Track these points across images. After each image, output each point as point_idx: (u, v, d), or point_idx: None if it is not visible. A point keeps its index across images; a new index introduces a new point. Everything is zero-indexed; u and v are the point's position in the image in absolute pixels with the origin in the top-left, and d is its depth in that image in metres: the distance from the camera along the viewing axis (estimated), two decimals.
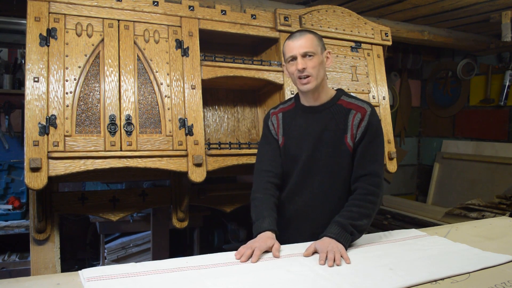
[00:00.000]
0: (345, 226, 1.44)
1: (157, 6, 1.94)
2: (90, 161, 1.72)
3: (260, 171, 1.70)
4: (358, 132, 1.58)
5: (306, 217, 1.67)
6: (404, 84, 4.77)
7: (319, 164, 1.62)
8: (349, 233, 1.44)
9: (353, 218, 1.46)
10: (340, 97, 1.67)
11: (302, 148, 1.64)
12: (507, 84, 4.03)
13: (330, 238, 1.40)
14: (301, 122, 1.68)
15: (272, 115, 1.78)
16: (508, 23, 3.08)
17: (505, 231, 1.75)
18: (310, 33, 1.63)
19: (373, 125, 1.59)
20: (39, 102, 1.67)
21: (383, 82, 2.50)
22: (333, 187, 1.63)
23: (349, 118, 1.60)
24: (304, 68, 1.57)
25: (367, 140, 1.58)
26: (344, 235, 1.42)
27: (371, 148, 1.58)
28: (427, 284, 1.15)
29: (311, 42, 1.59)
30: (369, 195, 1.53)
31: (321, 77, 1.61)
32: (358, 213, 1.48)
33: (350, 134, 1.59)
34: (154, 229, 2.80)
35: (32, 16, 1.70)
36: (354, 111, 1.60)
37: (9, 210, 2.95)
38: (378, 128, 1.62)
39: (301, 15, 2.29)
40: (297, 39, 1.60)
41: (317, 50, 1.60)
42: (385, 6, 3.06)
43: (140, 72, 1.87)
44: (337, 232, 1.42)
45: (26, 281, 1.15)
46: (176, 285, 1.13)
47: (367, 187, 1.54)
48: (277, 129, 1.74)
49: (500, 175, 3.98)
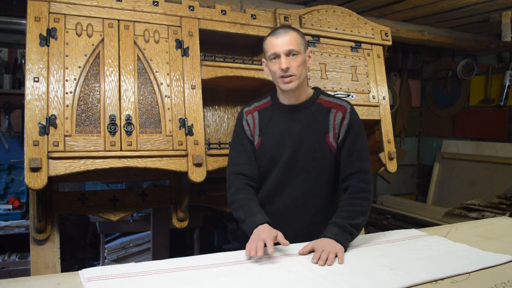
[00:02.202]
0: (344, 226, 1.43)
1: (157, 6, 1.94)
2: (90, 161, 1.72)
3: (235, 174, 1.62)
4: (341, 131, 1.56)
5: (287, 219, 1.61)
6: (404, 84, 4.77)
7: (300, 164, 1.58)
8: (348, 232, 1.43)
9: (350, 218, 1.46)
10: (318, 95, 1.63)
11: (283, 149, 1.58)
12: (507, 84, 4.03)
13: (329, 239, 1.40)
14: (280, 121, 1.61)
15: (247, 114, 1.68)
16: (508, 23, 3.08)
17: (505, 231, 1.75)
18: (294, 31, 1.55)
19: (355, 122, 1.57)
20: (39, 102, 1.67)
21: (383, 82, 2.50)
22: (315, 187, 1.60)
23: (330, 117, 1.57)
24: (288, 67, 1.50)
25: (351, 139, 1.56)
26: (343, 236, 1.41)
27: (356, 145, 1.56)
28: (427, 284, 1.15)
29: (295, 40, 1.52)
30: (362, 193, 1.52)
31: (303, 77, 1.56)
32: (354, 212, 1.48)
33: (333, 134, 1.57)
34: (154, 229, 2.80)
35: (32, 16, 1.70)
36: (335, 110, 1.58)
37: (9, 210, 2.96)
38: (360, 125, 1.60)
39: (301, 15, 2.29)
40: (281, 36, 1.51)
41: (300, 49, 1.53)
42: (385, 6, 3.06)
43: (140, 72, 1.87)
44: (336, 233, 1.41)
45: (26, 281, 1.15)
46: (176, 285, 1.13)
47: (359, 185, 1.53)
48: (253, 129, 1.65)
49: (500, 175, 3.98)
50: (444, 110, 4.73)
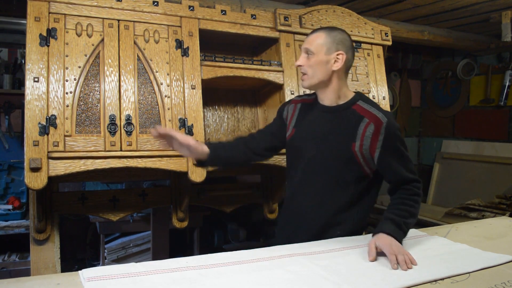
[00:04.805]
0: (399, 224, 1.42)
1: (157, 6, 1.94)
2: (90, 161, 1.72)
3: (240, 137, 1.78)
4: (377, 147, 1.49)
5: (306, 217, 1.61)
6: (404, 84, 4.77)
7: (322, 165, 1.57)
8: (403, 231, 1.42)
9: (404, 216, 1.44)
10: (356, 101, 1.57)
11: (308, 146, 1.60)
12: (507, 84, 4.03)
13: (389, 236, 1.37)
14: (313, 120, 1.63)
15: (291, 103, 1.73)
16: (508, 23, 3.08)
17: (505, 231, 1.75)
18: (323, 32, 1.56)
19: (392, 137, 1.49)
20: (39, 102, 1.67)
21: (383, 82, 2.50)
22: (334, 191, 1.56)
23: (360, 126, 1.51)
24: (300, 65, 1.56)
25: (391, 155, 1.50)
26: (399, 233, 1.40)
27: (399, 160, 1.51)
28: (427, 284, 1.15)
29: (316, 41, 1.54)
30: (415, 196, 1.50)
31: (317, 78, 1.54)
32: (406, 211, 1.46)
33: (360, 144, 1.50)
34: (154, 229, 2.80)
35: (32, 16, 1.70)
36: (367, 120, 1.50)
37: (9, 210, 2.95)
38: (397, 138, 1.51)
39: (301, 15, 2.29)
40: (310, 34, 1.58)
41: (318, 50, 1.53)
42: (385, 6, 3.06)
43: (140, 72, 1.87)
44: (394, 229, 1.39)
45: (26, 281, 1.14)
46: (176, 285, 1.12)
47: (413, 189, 1.51)
48: (290, 119, 1.69)
49: (500, 175, 3.98)
50: (444, 110, 4.73)
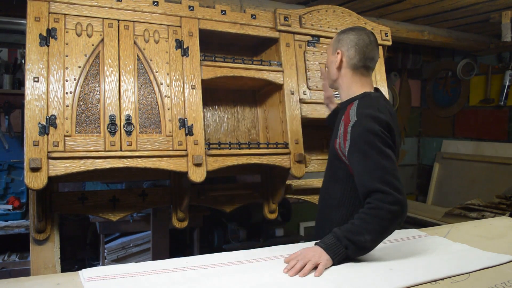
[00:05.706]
0: (340, 238, 1.31)
1: (157, 6, 1.94)
2: (90, 161, 1.71)
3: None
4: (346, 146, 1.45)
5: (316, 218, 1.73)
6: (404, 84, 4.77)
7: (327, 161, 1.67)
8: (344, 246, 1.30)
9: (353, 232, 1.31)
10: (353, 101, 1.54)
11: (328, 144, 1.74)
12: (507, 84, 4.03)
13: (319, 247, 1.31)
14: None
15: None
16: (508, 23, 3.08)
17: (505, 231, 1.75)
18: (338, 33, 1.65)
19: (356, 137, 1.42)
20: (39, 102, 1.66)
21: (383, 82, 2.50)
22: (331, 193, 1.59)
23: (340, 125, 1.53)
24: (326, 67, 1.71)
25: (355, 156, 1.42)
26: (336, 248, 1.30)
27: (361, 162, 1.40)
28: (427, 284, 1.15)
29: (330, 43, 1.67)
30: (376, 209, 1.32)
31: (330, 78, 1.67)
32: (359, 227, 1.32)
33: (338, 142, 1.51)
34: (154, 229, 2.80)
35: (32, 16, 1.70)
36: (344, 120, 1.51)
37: (9, 210, 2.95)
38: (363, 140, 1.40)
39: (301, 15, 2.28)
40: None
41: (329, 52, 1.66)
42: (385, 6, 3.06)
43: (140, 72, 1.87)
44: (330, 243, 1.31)
45: (26, 281, 1.15)
46: (176, 285, 1.13)
47: (375, 202, 1.34)
48: None
49: (500, 175, 3.98)
50: (444, 110, 4.73)
